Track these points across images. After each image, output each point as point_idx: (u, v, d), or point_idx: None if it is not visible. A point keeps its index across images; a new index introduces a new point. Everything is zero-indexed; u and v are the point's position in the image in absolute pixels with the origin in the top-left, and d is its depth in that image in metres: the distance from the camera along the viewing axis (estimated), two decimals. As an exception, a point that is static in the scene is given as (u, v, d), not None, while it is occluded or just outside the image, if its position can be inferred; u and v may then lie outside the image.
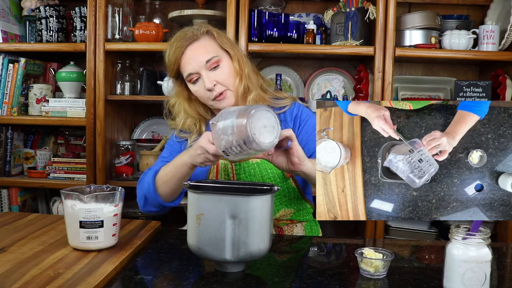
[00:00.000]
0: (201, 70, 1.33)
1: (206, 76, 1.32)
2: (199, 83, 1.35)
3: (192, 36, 1.34)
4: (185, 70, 1.35)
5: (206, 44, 1.35)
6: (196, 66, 1.33)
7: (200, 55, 1.33)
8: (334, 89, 2.40)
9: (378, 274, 0.98)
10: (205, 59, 1.32)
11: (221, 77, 1.33)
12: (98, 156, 2.17)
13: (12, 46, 2.25)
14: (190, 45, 1.34)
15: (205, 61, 1.32)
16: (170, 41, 1.39)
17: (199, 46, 1.34)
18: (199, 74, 1.33)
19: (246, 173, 1.39)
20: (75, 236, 1.06)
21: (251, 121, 0.97)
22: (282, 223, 1.44)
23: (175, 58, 1.34)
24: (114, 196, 1.08)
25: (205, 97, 1.36)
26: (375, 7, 2.06)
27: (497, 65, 2.18)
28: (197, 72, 1.33)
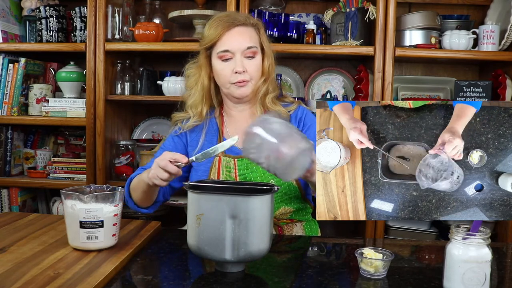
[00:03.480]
0: (237, 52, 1.38)
1: (239, 60, 1.38)
2: (228, 63, 1.39)
3: (243, 20, 1.40)
4: (223, 45, 1.38)
5: (252, 33, 1.41)
6: (236, 47, 1.37)
7: (244, 39, 1.39)
8: (334, 89, 2.40)
9: (378, 274, 0.98)
10: (247, 45, 1.38)
11: (251, 68, 1.40)
12: (98, 156, 2.17)
13: (12, 46, 2.25)
14: (238, 26, 1.39)
15: (246, 47, 1.38)
16: (217, 15, 1.44)
17: (246, 32, 1.40)
18: (233, 55, 1.38)
19: (249, 170, 1.39)
20: (75, 236, 1.06)
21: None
22: (282, 222, 1.44)
23: (220, 31, 1.38)
24: (114, 196, 1.08)
25: (227, 78, 1.40)
26: (375, 7, 2.06)
27: (497, 65, 2.18)
28: (233, 53, 1.38)
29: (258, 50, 1.41)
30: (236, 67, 1.37)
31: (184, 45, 2.15)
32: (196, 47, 2.11)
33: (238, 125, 1.48)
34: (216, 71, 1.42)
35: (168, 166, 1.15)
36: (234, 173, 1.40)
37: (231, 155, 1.41)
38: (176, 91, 2.19)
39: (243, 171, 1.40)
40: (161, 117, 2.53)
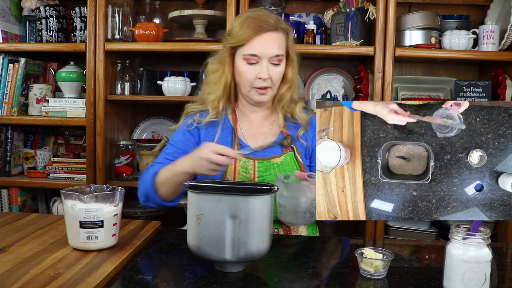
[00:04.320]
0: (265, 58, 1.36)
1: (265, 67, 1.37)
2: (253, 67, 1.38)
3: (274, 25, 1.37)
4: (252, 48, 1.36)
5: (281, 39, 1.39)
6: (265, 53, 1.36)
7: (273, 46, 1.37)
8: (334, 89, 2.40)
9: (378, 274, 0.98)
10: (276, 52, 1.37)
11: (275, 75, 1.39)
12: (98, 156, 2.17)
13: (12, 46, 2.25)
14: (270, 31, 1.36)
15: (275, 54, 1.37)
16: (248, 14, 1.41)
17: (276, 38, 1.38)
18: (259, 60, 1.37)
19: (267, 172, 1.40)
20: (75, 236, 1.06)
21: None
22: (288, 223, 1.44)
23: (250, 34, 1.36)
24: (114, 196, 1.08)
25: (250, 81, 1.39)
26: (375, 7, 2.06)
27: (497, 65, 2.18)
28: (260, 58, 1.37)
29: (284, 57, 1.40)
30: (262, 73, 1.36)
31: (184, 45, 2.15)
32: (196, 47, 2.14)
33: (252, 125, 1.48)
34: (239, 71, 1.40)
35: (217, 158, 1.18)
36: (252, 174, 1.40)
37: (251, 156, 1.40)
38: (176, 91, 2.19)
39: (263, 173, 1.40)
40: (161, 117, 2.53)
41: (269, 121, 1.49)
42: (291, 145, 1.43)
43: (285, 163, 1.41)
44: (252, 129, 1.47)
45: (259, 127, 1.48)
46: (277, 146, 1.44)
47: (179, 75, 2.25)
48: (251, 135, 1.47)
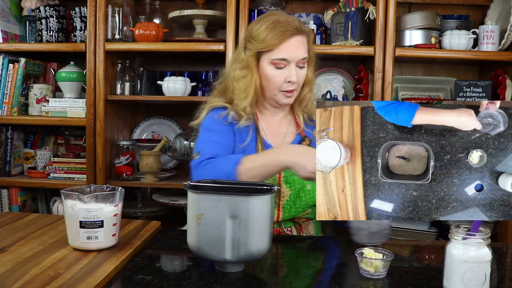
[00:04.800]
0: (293, 62, 1.38)
1: (294, 69, 1.38)
2: (282, 71, 1.39)
3: (298, 28, 1.39)
4: (281, 53, 1.37)
5: (305, 42, 1.41)
6: (293, 57, 1.38)
7: (300, 50, 1.39)
8: (334, 89, 2.40)
9: (378, 274, 0.98)
10: (303, 56, 1.39)
11: (301, 78, 1.42)
12: (98, 156, 2.17)
13: (12, 46, 2.25)
14: (296, 35, 1.38)
15: (302, 57, 1.39)
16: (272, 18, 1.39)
17: (302, 42, 1.40)
18: (287, 64, 1.38)
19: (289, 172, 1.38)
20: (75, 236, 1.06)
21: None
22: (301, 221, 1.46)
23: (280, 39, 1.36)
24: (114, 196, 1.08)
25: (278, 85, 1.40)
26: (375, 7, 2.06)
27: (497, 65, 2.18)
28: (289, 62, 1.38)
29: (307, 60, 1.42)
30: (291, 76, 1.38)
31: (184, 45, 2.15)
32: (196, 47, 2.14)
33: (272, 125, 1.49)
34: (267, 76, 1.40)
35: None
36: (277, 174, 1.40)
37: None
38: (176, 91, 2.19)
39: (287, 172, 1.40)
40: (161, 117, 2.53)
41: (286, 121, 1.52)
42: (309, 146, 1.44)
43: None
44: (271, 128, 1.49)
45: (278, 127, 1.50)
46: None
47: (179, 75, 2.25)
48: (271, 134, 1.48)
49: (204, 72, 2.38)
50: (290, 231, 1.44)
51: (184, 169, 2.46)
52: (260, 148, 1.42)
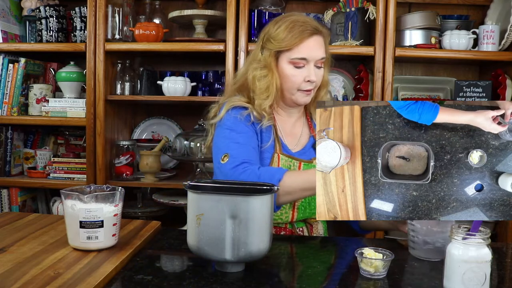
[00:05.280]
0: (312, 61, 1.39)
1: (313, 69, 1.39)
2: (301, 70, 1.39)
3: (317, 28, 1.39)
4: (300, 52, 1.37)
5: (323, 42, 1.42)
6: (312, 56, 1.38)
7: (320, 49, 1.40)
8: (334, 89, 2.40)
9: (378, 274, 0.98)
10: (322, 55, 1.40)
11: (319, 78, 1.42)
12: (98, 156, 2.17)
13: (12, 46, 2.25)
14: (315, 35, 1.39)
15: (321, 57, 1.40)
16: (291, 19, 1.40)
17: (320, 42, 1.41)
18: (306, 63, 1.38)
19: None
20: (75, 236, 1.06)
21: None
22: (312, 221, 1.47)
23: (299, 38, 1.36)
24: (114, 196, 1.08)
25: (297, 84, 1.40)
26: (375, 7, 2.06)
27: (497, 65, 2.18)
28: (308, 61, 1.38)
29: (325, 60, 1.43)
30: (311, 76, 1.38)
31: (184, 45, 2.15)
32: (196, 47, 2.14)
33: (287, 125, 1.49)
34: (285, 75, 1.40)
35: None
36: None
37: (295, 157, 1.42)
38: (176, 91, 2.19)
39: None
40: (161, 117, 2.53)
41: (301, 122, 1.52)
42: None
43: None
44: (287, 129, 1.49)
45: (293, 128, 1.50)
46: (310, 148, 1.47)
47: (179, 75, 2.25)
48: (286, 135, 1.48)
49: (204, 72, 2.38)
50: (302, 231, 1.44)
51: (184, 169, 2.47)
52: (279, 148, 1.42)
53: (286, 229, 1.43)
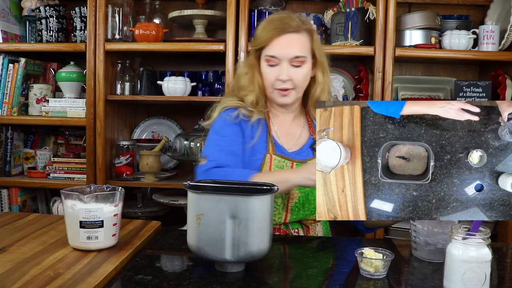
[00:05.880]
0: (284, 60, 1.37)
1: (285, 68, 1.37)
2: (274, 68, 1.38)
3: (295, 27, 1.38)
4: (271, 50, 1.38)
5: (303, 41, 1.39)
6: (283, 55, 1.37)
7: (293, 48, 1.37)
8: (334, 89, 2.40)
9: (378, 274, 0.98)
10: (295, 54, 1.37)
11: (297, 77, 1.38)
12: (98, 156, 2.17)
13: (12, 46, 2.25)
14: (290, 33, 1.37)
15: (294, 56, 1.37)
16: (272, 17, 1.43)
17: (297, 40, 1.38)
18: (279, 62, 1.37)
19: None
20: (75, 236, 1.06)
21: None
22: (309, 223, 1.46)
23: (270, 36, 1.37)
24: (114, 196, 1.08)
25: (271, 83, 1.40)
26: (375, 7, 2.06)
27: (497, 65, 2.18)
28: (279, 59, 1.37)
29: (306, 59, 1.39)
30: (281, 74, 1.37)
31: (184, 45, 2.15)
32: (196, 47, 2.14)
33: (284, 125, 1.48)
34: (263, 73, 1.42)
35: None
36: None
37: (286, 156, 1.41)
38: (176, 91, 2.19)
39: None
40: (161, 117, 2.53)
41: (300, 124, 1.50)
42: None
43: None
44: (284, 129, 1.48)
45: (291, 128, 1.49)
46: (308, 149, 1.46)
47: (179, 75, 2.25)
48: (283, 135, 1.47)
49: (204, 72, 2.38)
50: (297, 233, 1.44)
51: (184, 169, 2.47)
52: (271, 148, 1.42)
53: (280, 230, 1.42)
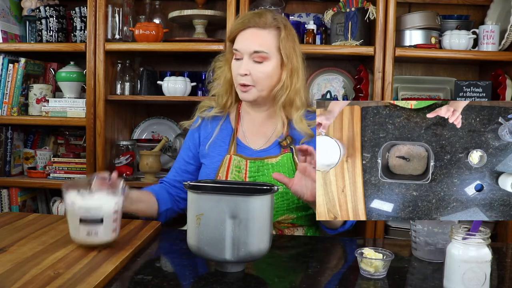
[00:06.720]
0: (245, 54, 1.36)
1: (245, 63, 1.36)
2: (238, 63, 1.38)
3: (261, 23, 1.36)
4: (236, 43, 1.39)
5: (267, 37, 1.36)
6: (244, 48, 1.36)
7: (253, 42, 1.35)
8: (334, 89, 2.40)
9: (378, 274, 0.98)
10: (255, 49, 1.35)
11: (256, 74, 1.36)
12: (98, 156, 2.17)
13: (12, 46, 2.25)
14: (254, 27, 1.36)
15: (253, 51, 1.35)
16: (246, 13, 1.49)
17: (259, 35, 1.36)
18: (242, 56, 1.37)
19: (259, 172, 1.38)
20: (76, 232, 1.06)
21: None
22: (283, 226, 1.42)
23: (236, 29, 1.39)
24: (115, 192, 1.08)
25: (234, 77, 1.40)
26: (375, 7, 2.06)
27: (497, 65, 2.18)
28: (242, 54, 1.37)
29: (269, 55, 1.35)
30: (239, 68, 1.36)
31: (184, 45, 2.15)
32: (196, 47, 2.14)
33: (254, 124, 1.46)
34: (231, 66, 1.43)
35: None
36: (244, 174, 1.38)
37: (244, 156, 1.40)
38: (176, 91, 2.19)
39: (254, 173, 1.38)
40: (161, 117, 2.53)
41: (272, 122, 1.45)
42: (290, 146, 1.41)
43: (281, 163, 1.39)
44: (254, 129, 1.46)
45: (261, 127, 1.46)
46: (275, 146, 1.42)
47: (179, 75, 2.25)
48: (252, 134, 1.45)
49: (204, 72, 2.38)
50: None
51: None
52: (233, 149, 1.42)
53: None
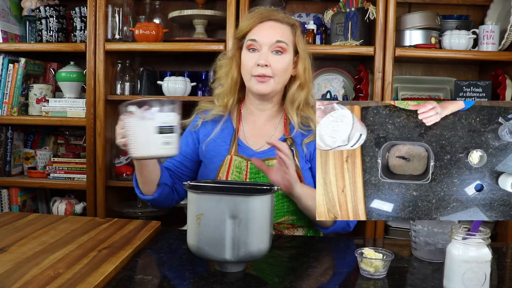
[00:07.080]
0: (265, 45, 1.35)
1: (265, 53, 1.35)
2: (254, 54, 1.37)
3: (279, 18, 1.38)
4: (253, 34, 1.37)
5: (286, 31, 1.39)
6: (264, 39, 1.35)
7: (274, 33, 1.36)
8: (334, 89, 2.40)
9: (378, 274, 0.98)
10: (277, 38, 1.35)
11: (277, 65, 1.35)
12: (98, 156, 2.17)
13: (12, 46, 2.25)
14: (273, 21, 1.38)
15: (276, 40, 1.35)
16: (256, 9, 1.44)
17: (280, 28, 1.38)
18: (260, 47, 1.36)
19: (260, 174, 1.37)
20: (148, 144, 1.09)
21: None
22: (282, 227, 1.41)
23: (253, 21, 1.38)
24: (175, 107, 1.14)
25: (249, 69, 1.37)
26: (375, 7, 2.06)
27: (497, 65, 2.18)
28: (260, 45, 1.36)
29: (288, 48, 1.37)
30: (260, 59, 1.34)
31: (184, 45, 2.15)
32: (196, 47, 2.14)
33: (256, 125, 1.46)
34: (242, 61, 1.40)
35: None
36: (244, 175, 1.38)
37: (245, 156, 1.40)
38: (176, 91, 2.19)
39: (254, 174, 1.38)
40: (161, 117, 2.52)
41: (273, 123, 1.46)
42: (290, 148, 1.40)
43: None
44: (255, 129, 1.46)
45: (263, 128, 1.46)
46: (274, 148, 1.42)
47: (179, 75, 2.25)
48: (253, 135, 1.45)
49: (204, 72, 2.38)
50: None
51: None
52: (234, 149, 1.41)
53: None
